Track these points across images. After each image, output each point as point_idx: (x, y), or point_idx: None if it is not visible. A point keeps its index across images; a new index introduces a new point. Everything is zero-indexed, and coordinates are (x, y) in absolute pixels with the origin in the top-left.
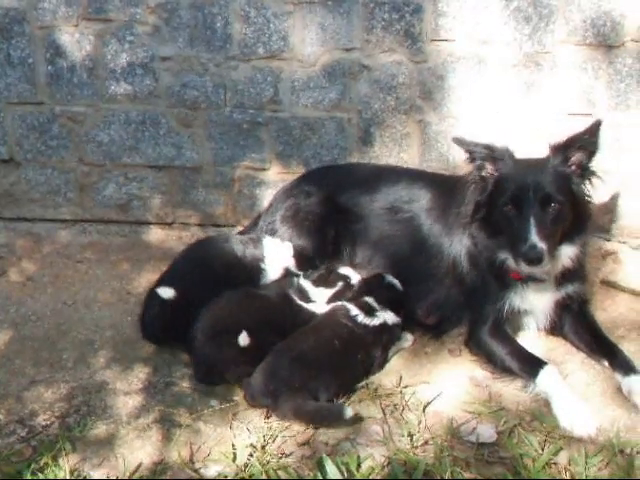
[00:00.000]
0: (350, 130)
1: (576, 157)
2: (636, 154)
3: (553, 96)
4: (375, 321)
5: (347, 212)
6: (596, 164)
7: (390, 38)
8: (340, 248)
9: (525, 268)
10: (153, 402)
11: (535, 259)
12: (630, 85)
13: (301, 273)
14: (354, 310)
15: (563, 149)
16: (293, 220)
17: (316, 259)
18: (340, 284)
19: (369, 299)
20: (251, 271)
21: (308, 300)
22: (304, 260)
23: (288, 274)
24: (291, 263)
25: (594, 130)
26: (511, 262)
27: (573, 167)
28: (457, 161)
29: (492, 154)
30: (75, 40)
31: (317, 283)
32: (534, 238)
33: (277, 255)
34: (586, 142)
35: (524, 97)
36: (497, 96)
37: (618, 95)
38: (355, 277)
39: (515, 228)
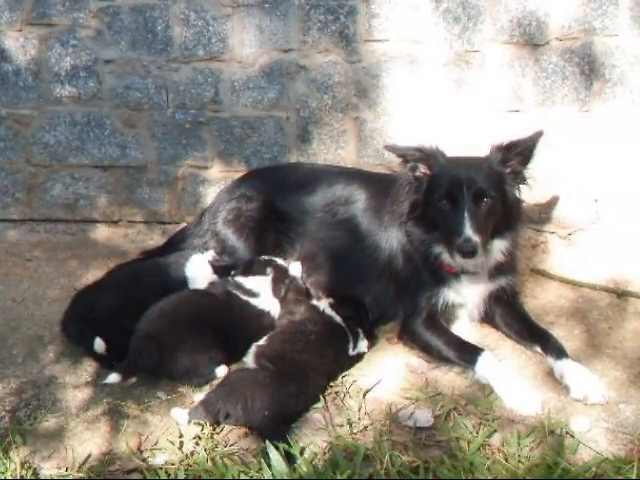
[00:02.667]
0: (289, 128)
1: (514, 161)
2: (562, 148)
3: (483, 93)
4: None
5: (287, 216)
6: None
7: (326, 39)
8: (281, 252)
9: (460, 261)
10: (102, 395)
11: (469, 252)
12: (555, 82)
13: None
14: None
15: (503, 150)
16: (234, 224)
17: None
18: (269, 269)
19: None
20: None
21: (252, 294)
22: (224, 270)
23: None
24: (212, 277)
25: (534, 139)
26: (445, 256)
27: (509, 169)
28: (392, 157)
29: (424, 155)
30: (19, 44)
31: (245, 273)
32: (468, 231)
33: (200, 271)
34: (525, 149)
35: (456, 95)
36: (430, 94)
37: (544, 92)
38: (279, 261)
39: (450, 222)
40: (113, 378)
